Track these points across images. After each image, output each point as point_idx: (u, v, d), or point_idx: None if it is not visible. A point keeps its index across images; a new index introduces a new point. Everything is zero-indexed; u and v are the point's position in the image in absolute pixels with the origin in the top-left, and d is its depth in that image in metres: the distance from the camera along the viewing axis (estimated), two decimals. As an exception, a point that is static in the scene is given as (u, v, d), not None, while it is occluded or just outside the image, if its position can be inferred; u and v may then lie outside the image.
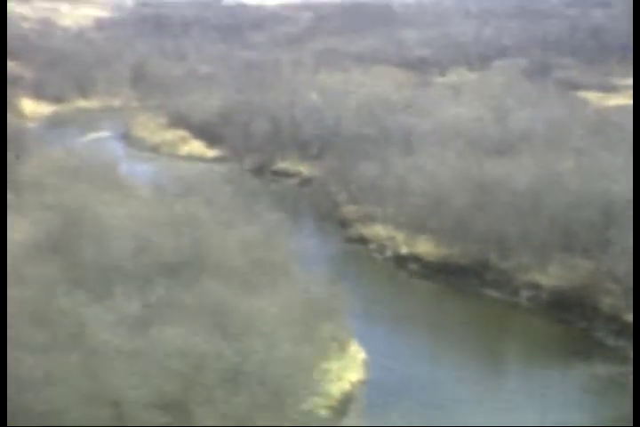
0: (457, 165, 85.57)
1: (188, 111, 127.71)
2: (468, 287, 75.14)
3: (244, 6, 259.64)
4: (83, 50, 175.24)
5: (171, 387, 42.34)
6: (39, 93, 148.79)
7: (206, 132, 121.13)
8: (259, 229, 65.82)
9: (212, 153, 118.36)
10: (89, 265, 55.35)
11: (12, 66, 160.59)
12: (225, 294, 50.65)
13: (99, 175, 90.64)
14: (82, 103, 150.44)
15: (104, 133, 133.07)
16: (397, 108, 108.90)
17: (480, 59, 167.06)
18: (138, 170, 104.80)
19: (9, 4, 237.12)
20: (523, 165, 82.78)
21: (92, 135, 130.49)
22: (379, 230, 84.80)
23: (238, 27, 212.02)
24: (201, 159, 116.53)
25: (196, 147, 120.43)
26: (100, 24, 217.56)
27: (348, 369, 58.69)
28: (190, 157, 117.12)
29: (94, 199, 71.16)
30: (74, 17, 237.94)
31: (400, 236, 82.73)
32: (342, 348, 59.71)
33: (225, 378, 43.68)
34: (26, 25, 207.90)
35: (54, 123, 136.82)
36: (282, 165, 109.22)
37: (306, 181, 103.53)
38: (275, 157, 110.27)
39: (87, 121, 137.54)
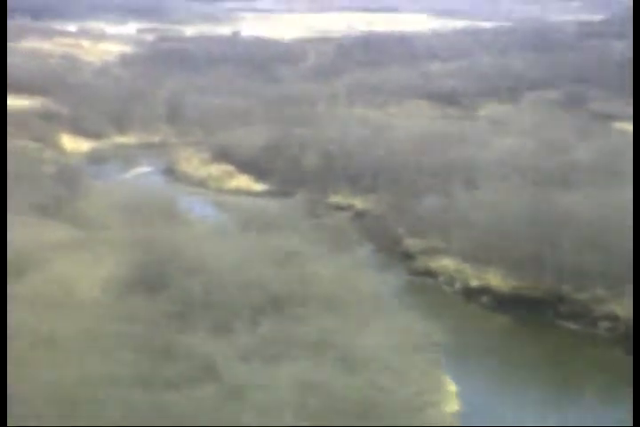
0: (521, 196, 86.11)
1: (232, 146, 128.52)
2: (543, 319, 75.48)
3: (264, 40, 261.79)
4: (114, 85, 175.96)
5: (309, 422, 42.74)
6: (77, 129, 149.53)
7: (252, 167, 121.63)
8: (347, 261, 66.45)
9: (259, 187, 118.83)
10: (194, 300, 55.81)
11: (46, 102, 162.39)
12: (336, 327, 51.19)
13: (161, 210, 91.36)
14: (120, 139, 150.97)
15: (147, 169, 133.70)
16: (450, 141, 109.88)
17: (509, 91, 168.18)
18: (194, 204, 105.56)
19: (32, 42, 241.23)
20: (588, 196, 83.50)
21: (136, 170, 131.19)
22: (446, 263, 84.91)
23: (262, 60, 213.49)
24: (249, 193, 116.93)
25: (243, 181, 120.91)
26: (124, 59, 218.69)
27: (446, 401, 59.00)
28: (238, 192, 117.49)
29: (176, 234, 71.77)
30: (96, 52, 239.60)
31: (468, 268, 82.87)
32: (438, 380, 60.02)
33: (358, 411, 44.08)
34: (52, 60, 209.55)
35: (95, 158, 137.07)
36: (334, 198, 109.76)
37: (360, 215, 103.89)
38: (326, 190, 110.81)
39: (127, 157, 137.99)
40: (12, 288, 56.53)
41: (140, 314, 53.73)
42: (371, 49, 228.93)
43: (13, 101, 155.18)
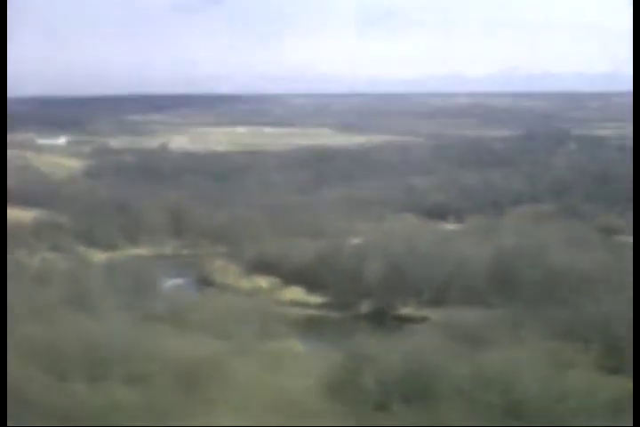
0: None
1: (271, 257, 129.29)
2: None
3: (204, 153, 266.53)
4: (104, 197, 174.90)
5: None
6: (89, 241, 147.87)
7: (301, 278, 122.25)
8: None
9: (315, 299, 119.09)
10: None
11: (47, 214, 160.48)
12: None
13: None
14: (133, 251, 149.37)
15: (180, 280, 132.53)
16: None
17: (495, 205, 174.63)
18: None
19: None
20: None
21: (171, 282, 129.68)
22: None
23: (222, 172, 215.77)
24: (307, 306, 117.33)
25: (296, 293, 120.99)
26: (89, 172, 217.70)
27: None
28: (295, 304, 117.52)
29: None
30: (47, 164, 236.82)
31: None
32: None
33: None
34: (15, 172, 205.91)
35: (120, 271, 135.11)
36: (404, 310, 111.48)
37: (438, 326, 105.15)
38: (393, 301, 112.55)
39: (151, 268, 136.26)
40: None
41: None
42: (327, 162, 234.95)
43: (17, 213, 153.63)
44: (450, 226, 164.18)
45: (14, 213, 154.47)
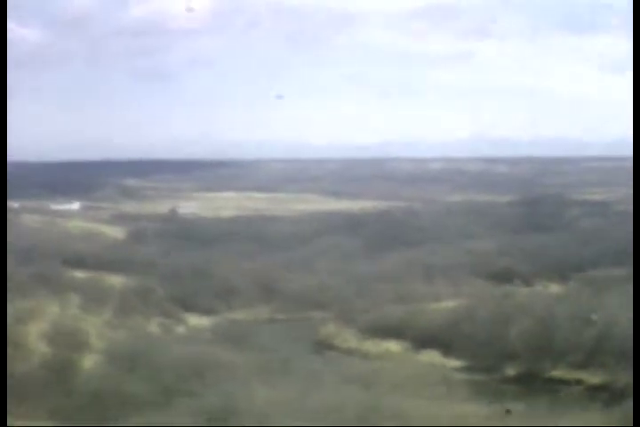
0: None
1: (393, 320, 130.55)
2: None
3: (220, 218, 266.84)
4: (171, 263, 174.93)
5: None
6: (186, 306, 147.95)
7: (433, 341, 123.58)
8: None
9: (454, 363, 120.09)
10: None
11: (133, 279, 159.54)
12: None
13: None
14: (230, 315, 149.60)
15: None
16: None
17: (558, 269, 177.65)
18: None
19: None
20: None
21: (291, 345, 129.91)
22: None
23: (265, 238, 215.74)
24: (445, 369, 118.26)
25: (433, 357, 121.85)
26: (130, 237, 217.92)
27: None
28: (434, 367, 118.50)
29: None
30: (78, 229, 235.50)
31: None
32: None
33: None
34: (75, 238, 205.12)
35: (230, 336, 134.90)
36: (555, 372, 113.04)
37: (598, 390, 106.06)
38: (542, 363, 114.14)
39: (258, 333, 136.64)
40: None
41: None
42: (360, 227, 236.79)
43: (104, 277, 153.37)
44: (523, 289, 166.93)
45: (100, 277, 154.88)
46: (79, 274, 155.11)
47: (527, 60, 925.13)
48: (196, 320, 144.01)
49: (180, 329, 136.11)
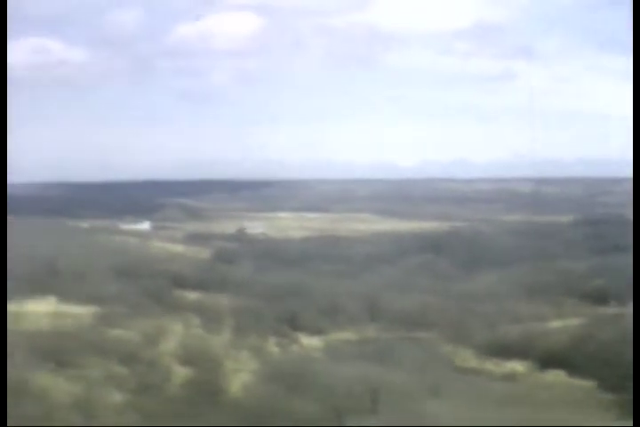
0: None
1: (512, 341, 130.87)
2: None
3: (305, 238, 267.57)
4: (270, 281, 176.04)
5: None
6: (293, 326, 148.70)
7: (556, 361, 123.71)
8: None
9: (581, 383, 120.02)
10: None
11: (242, 299, 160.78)
12: None
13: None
14: (340, 335, 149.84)
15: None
16: None
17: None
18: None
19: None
20: None
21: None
22: None
23: (359, 260, 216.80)
24: (572, 390, 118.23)
25: (559, 376, 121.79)
26: (217, 258, 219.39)
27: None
28: (569, 387, 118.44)
29: None
30: (159, 250, 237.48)
31: None
32: None
33: None
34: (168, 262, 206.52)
35: (342, 356, 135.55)
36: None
37: None
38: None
39: (374, 353, 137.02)
40: None
41: None
42: (439, 248, 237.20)
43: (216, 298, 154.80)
44: (626, 310, 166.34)
45: (209, 297, 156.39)
46: (186, 293, 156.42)
47: (571, 80, 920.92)
48: (306, 340, 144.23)
49: (295, 348, 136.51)
